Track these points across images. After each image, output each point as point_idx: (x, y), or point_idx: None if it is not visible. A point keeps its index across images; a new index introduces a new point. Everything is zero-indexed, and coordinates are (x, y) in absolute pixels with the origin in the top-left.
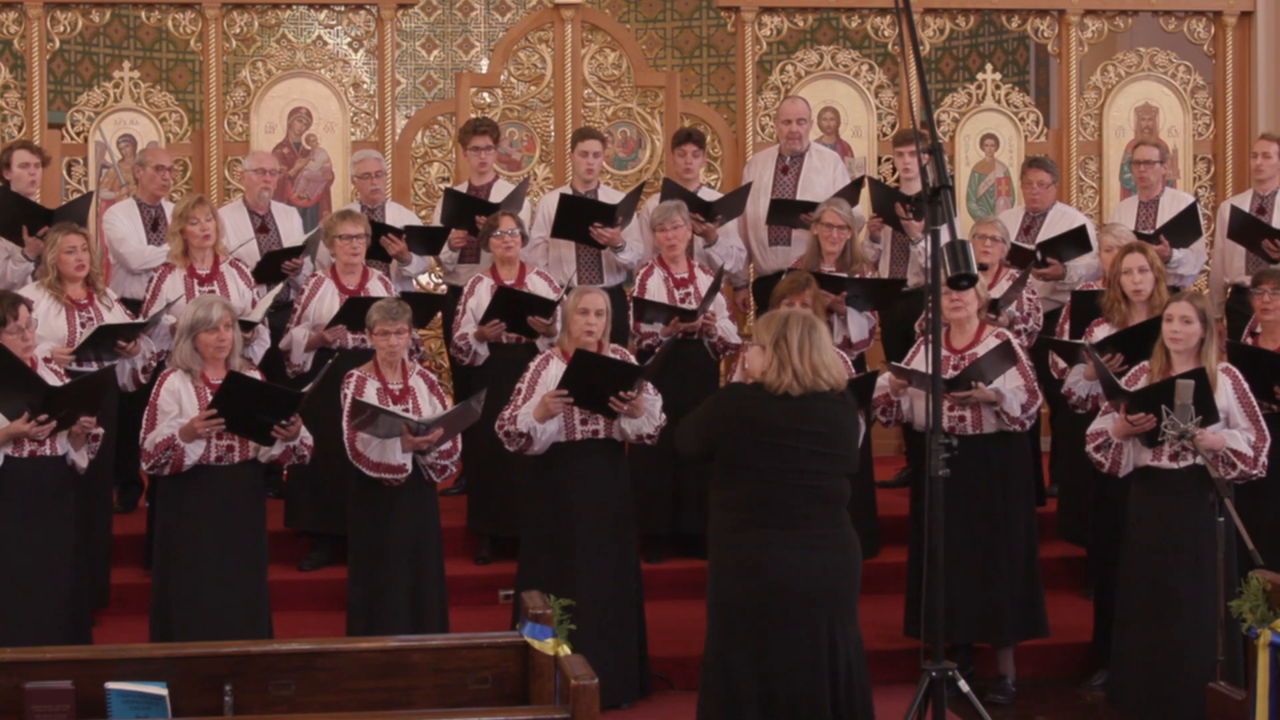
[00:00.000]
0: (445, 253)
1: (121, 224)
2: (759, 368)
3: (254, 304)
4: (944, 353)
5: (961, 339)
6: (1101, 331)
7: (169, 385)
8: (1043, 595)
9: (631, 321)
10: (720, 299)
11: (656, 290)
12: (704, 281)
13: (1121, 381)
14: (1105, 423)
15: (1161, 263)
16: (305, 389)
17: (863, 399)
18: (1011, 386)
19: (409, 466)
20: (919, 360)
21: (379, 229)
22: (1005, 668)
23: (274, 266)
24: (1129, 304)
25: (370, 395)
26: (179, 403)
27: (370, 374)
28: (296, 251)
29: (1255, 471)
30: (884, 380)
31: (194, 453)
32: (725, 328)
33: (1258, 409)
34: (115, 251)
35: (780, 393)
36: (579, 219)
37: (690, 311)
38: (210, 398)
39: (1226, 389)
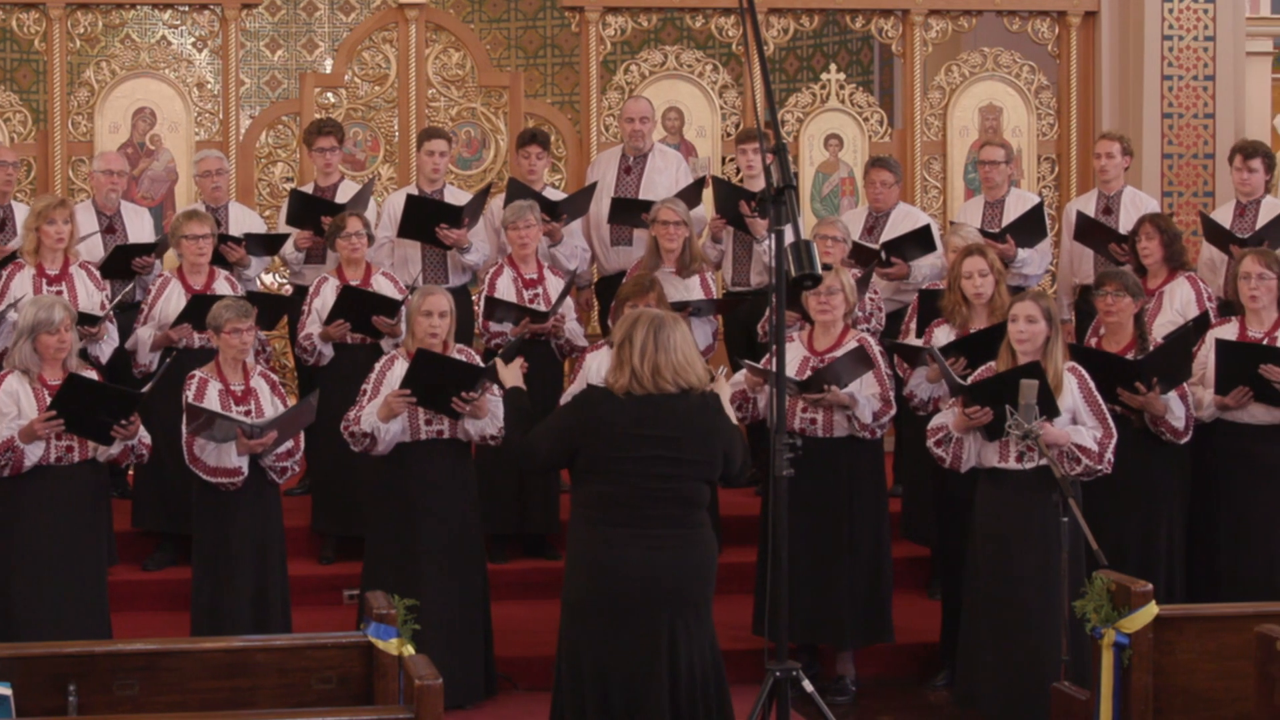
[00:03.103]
0: (291, 253)
1: None
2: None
3: (102, 306)
4: (804, 354)
5: (824, 341)
6: (942, 333)
7: (6, 387)
8: (890, 602)
9: (480, 320)
10: (568, 300)
11: (506, 290)
12: (553, 282)
13: (966, 384)
14: (946, 417)
15: (1002, 264)
16: (144, 389)
17: None
18: (868, 393)
19: (245, 470)
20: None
21: (219, 239)
22: (844, 668)
23: (123, 262)
24: (970, 306)
25: (212, 396)
26: (17, 404)
27: (212, 375)
28: (148, 249)
29: (1101, 467)
30: (740, 378)
31: (34, 454)
32: (573, 329)
33: (1104, 406)
34: None
35: (622, 394)
36: (425, 219)
37: (542, 313)
38: (48, 399)
39: (1072, 388)
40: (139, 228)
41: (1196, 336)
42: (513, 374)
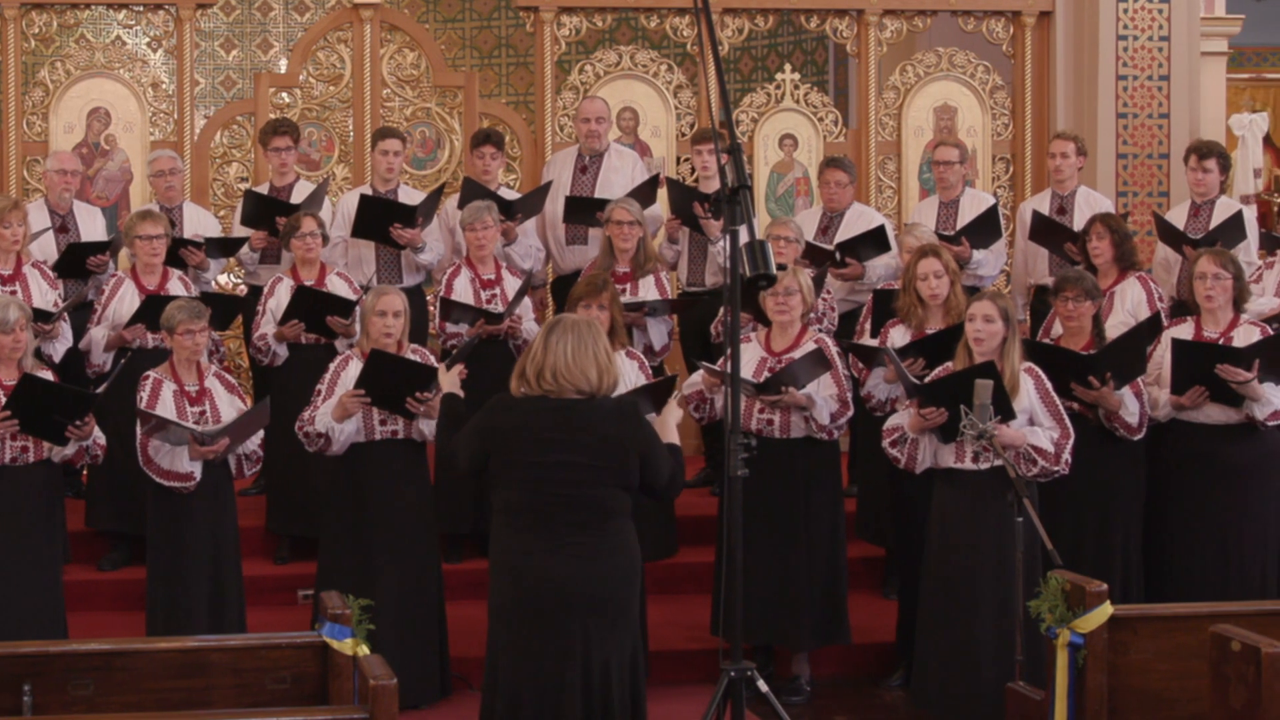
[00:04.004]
0: (246, 253)
1: None
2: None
3: (56, 305)
4: (761, 354)
5: (782, 341)
6: (897, 333)
7: None
8: (845, 603)
9: (437, 321)
10: (526, 301)
11: (463, 290)
12: (511, 282)
13: (921, 384)
14: (901, 418)
15: (957, 265)
16: (99, 389)
17: (659, 403)
18: (825, 395)
19: (198, 475)
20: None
21: (178, 243)
22: (799, 668)
23: (78, 261)
24: (925, 307)
25: (166, 397)
26: None
27: (166, 375)
28: (102, 247)
29: (1057, 468)
30: (697, 378)
31: None
32: (530, 330)
33: (1061, 407)
34: None
35: (520, 397)
36: (379, 219)
37: (497, 314)
38: (3, 399)
39: (1029, 388)
40: (91, 227)
41: (1151, 332)
42: (450, 380)
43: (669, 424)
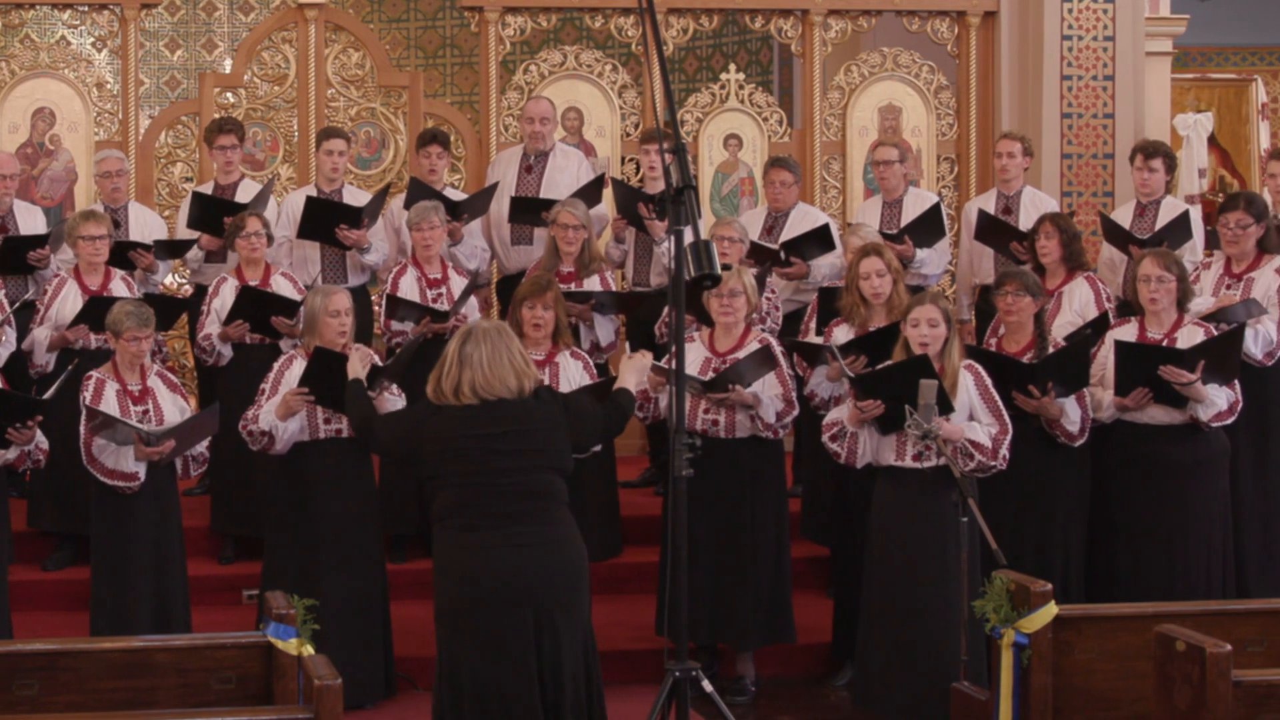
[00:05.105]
0: (194, 253)
1: None
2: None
3: (1, 308)
4: (706, 354)
5: (726, 342)
6: (841, 332)
7: None
8: (790, 602)
9: (383, 319)
10: (472, 300)
11: (409, 290)
12: (457, 282)
13: (855, 375)
14: (840, 412)
15: (899, 264)
16: (46, 395)
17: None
18: (771, 393)
19: (142, 476)
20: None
21: (126, 245)
22: (744, 669)
23: (15, 256)
24: (868, 306)
25: (109, 397)
26: None
27: (109, 375)
28: (41, 241)
29: (994, 463)
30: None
31: None
32: None
33: (1000, 403)
34: None
35: (440, 404)
36: (325, 221)
37: (443, 313)
38: None
39: (968, 385)
40: (32, 226)
41: (1095, 340)
42: (355, 368)
43: (629, 369)
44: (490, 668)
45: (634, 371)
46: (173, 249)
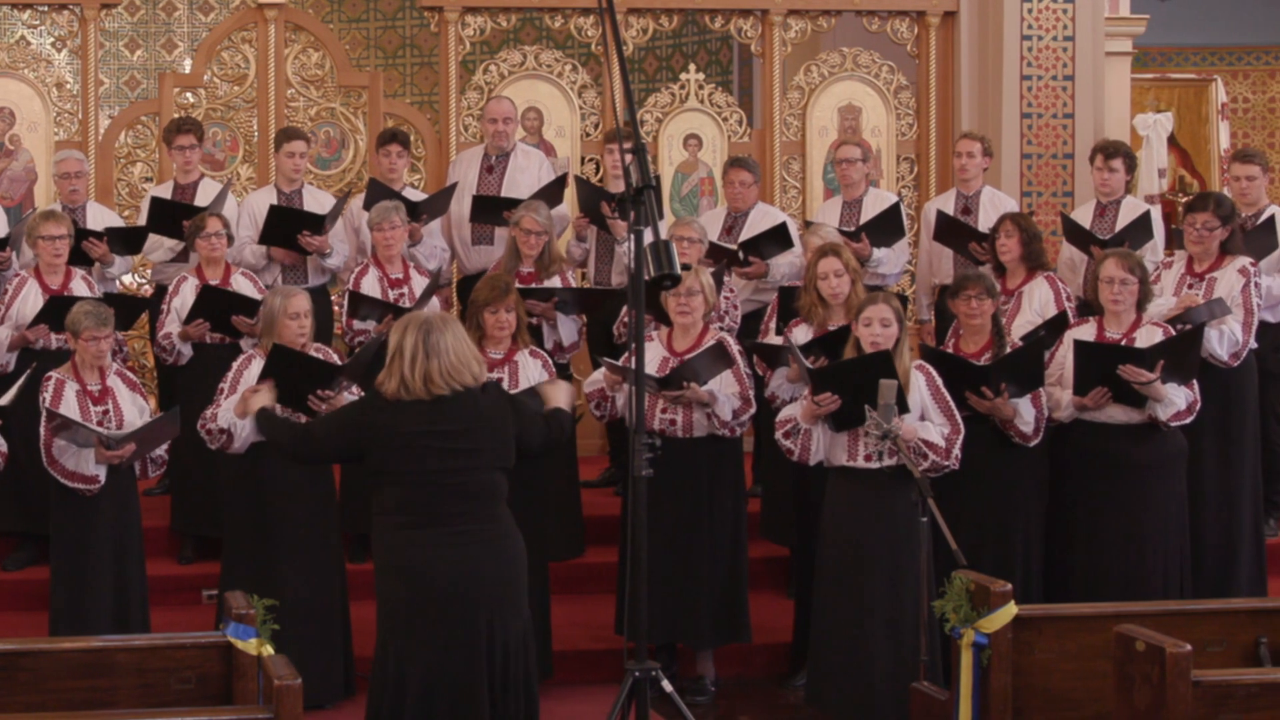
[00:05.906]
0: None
1: None
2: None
3: None
4: (663, 354)
5: (684, 341)
6: (800, 332)
7: None
8: (746, 601)
9: (344, 319)
10: (434, 300)
11: (371, 289)
12: (419, 282)
13: (812, 368)
14: (794, 409)
15: (858, 263)
16: (5, 401)
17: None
18: (727, 391)
19: (102, 478)
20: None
21: (80, 234)
22: (704, 668)
23: None
24: (826, 306)
25: (69, 397)
26: None
27: (69, 375)
28: (1, 243)
29: (948, 464)
30: (599, 375)
31: None
32: None
33: (951, 403)
34: None
35: (393, 399)
36: (287, 228)
37: (405, 310)
38: None
39: (920, 385)
40: None
41: (1050, 342)
42: (262, 399)
43: (557, 390)
44: (442, 666)
45: (563, 392)
46: (126, 239)
